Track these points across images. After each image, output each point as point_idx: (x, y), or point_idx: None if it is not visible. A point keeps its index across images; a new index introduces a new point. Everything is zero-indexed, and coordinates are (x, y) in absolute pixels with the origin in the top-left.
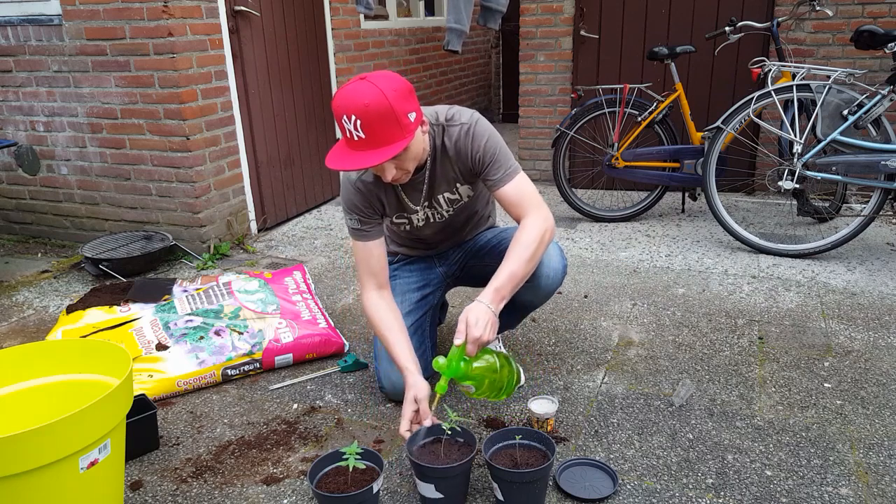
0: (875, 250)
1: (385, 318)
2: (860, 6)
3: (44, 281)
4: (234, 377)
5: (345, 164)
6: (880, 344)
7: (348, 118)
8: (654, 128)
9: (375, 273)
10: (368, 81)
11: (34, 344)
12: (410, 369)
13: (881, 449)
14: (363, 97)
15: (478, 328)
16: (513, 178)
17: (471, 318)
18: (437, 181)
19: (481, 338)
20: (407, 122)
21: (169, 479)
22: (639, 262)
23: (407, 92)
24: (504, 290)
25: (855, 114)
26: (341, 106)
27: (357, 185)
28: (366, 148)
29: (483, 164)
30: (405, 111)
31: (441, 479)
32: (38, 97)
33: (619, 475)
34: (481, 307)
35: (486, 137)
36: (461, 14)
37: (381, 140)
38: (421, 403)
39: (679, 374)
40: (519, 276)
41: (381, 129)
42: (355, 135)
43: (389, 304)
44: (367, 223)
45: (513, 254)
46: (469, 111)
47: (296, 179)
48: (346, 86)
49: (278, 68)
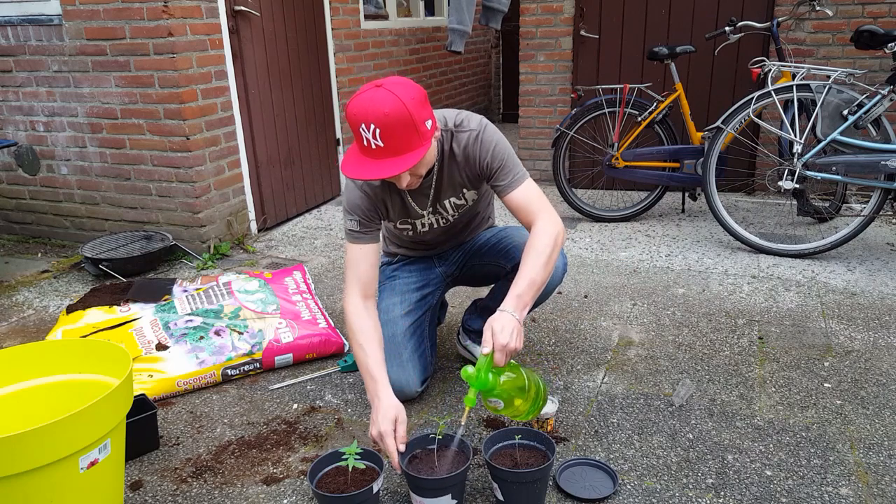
0: (875, 250)
1: (364, 329)
2: (860, 6)
3: (44, 281)
4: (234, 377)
5: (364, 173)
6: (880, 344)
7: (366, 127)
8: (654, 128)
9: (363, 280)
10: (386, 89)
11: (34, 344)
12: (383, 382)
13: (881, 449)
14: (382, 105)
15: (504, 335)
16: (521, 184)
17: (496, 326)
18: (443, 186)
19: (508, 345)
20: (424, 130)
21: (169, 479)
22: (639, 262)
23: (423, 99)
24: (525, 296)
25: (855, 114)
26: (359, 114)
27: (364, 189)
28: (384, 156)
29: (492, 170)
30: (423, 119)
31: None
32: (38, 97)
33: (619, 475)
34: (505, 315)
35: (494, 143)
36: (463, 15)
37: (399, 148)
38: (399, 427)
39: (679, 374)
40: (538, 282)
41: (400, 138)
42: (373, 143)
43: (371, 314)
44: (366, 227)
45: (529, 260)
46: (477, 117)
47: (296, 179)
48: (362, 93)
49: (278, 68)
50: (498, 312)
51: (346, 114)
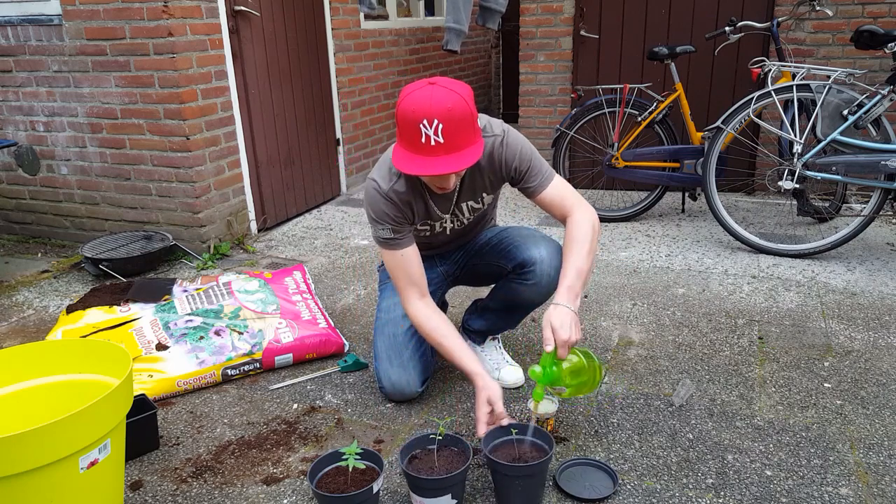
0: (875, 250)
1: (439, 327)
2: (860, 6)
3: (44, 281)
4: (234, 377)
5: (430, 168)
6: (880, 344)
7: (429, 123)
8: (654, 128)
9: (416, 281)
10: (443, 87)
11: (34, 344)
12: (480, 373)
13: (881, 449)
14: (445, 101)
15: (564, 330)
16: (551, 182)
17: (555, 322)
18: (464, 190)
19: (570, 339)
20: (478, 127)
21: (169, 479)
22: (639, 262)
23: (474, 97)
24: (576, 286)
25: (855, 114)
26: (420, 110)
27: (389, 196)
28: (443, 153)
29: (521, 173)
30: (476, 116)
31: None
32: (38, 97)
33: (619, 475)
34: (561, 309)
35: (520, 146)
36: (460, 14)
37: (457, 145)
38: (496, 405)
39: (679, 374)
40: (585, 270)
41: (461, 134)
42: (433, 139)
43: (435, 310)
44: (399, 231)
45: (573, 251)
46: (498, 121)
47: (296, 179)
48: (419, 90)
49: (278, 68)
50: (553, 307)
51: (399, 111)
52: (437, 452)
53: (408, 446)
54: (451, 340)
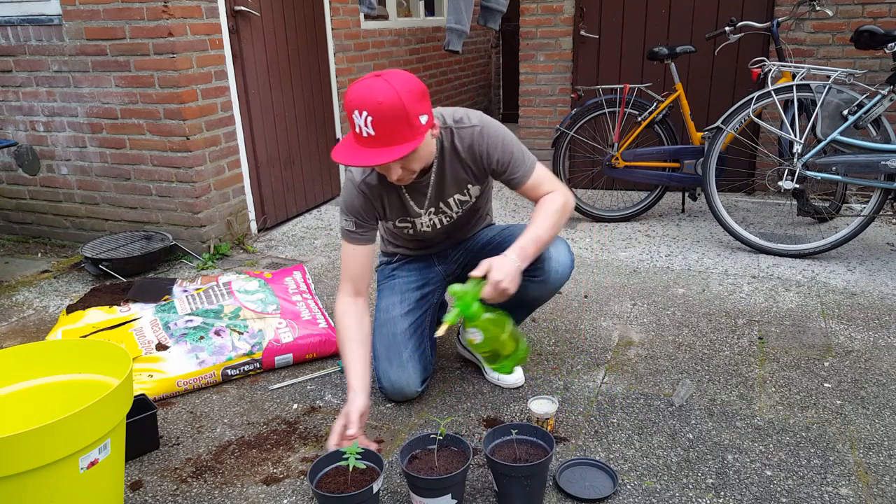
0: (875, 250)
1: (348, 328)
2: (860, 6)
3: (44, 281)
4: (234, 377)
5: (351, 159)
6: (880, 344)
7: (359, 113)
8: (654, 128)
9: (355, 278)
10: (384, 79)
11: (34, 344)
12: (354, 388)
13: (881, 449)
14: (377, 94)
15: (500, 273)
16: (534, 171)
17: (495, 262)
18: (445, 184)
19: (501, 283)
20: (418, 124)
21: (169, 479)
22: (639, 262)
23: (421, 94)
24: (528, 248)
25: (855, 114)
26: (354, 100)
27: (361, 188)
28: (374, 146)
29: (503, 165)
30: (417, 113)
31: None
32: (38, 97)
33: (619, 475)
34: (506, 259)
35: (501, 137)
36: (461, 14)
37: (390, 139)
38: (351, 422)
39: (679, 374)
40: (543, 239)
41: (392, 129)
42: (365, 131)
43: (360, 312)
44: (361, 227)
45: (537, 219)
46: (477, 113)
47: (296, 179)
48: (361, 81)
49: (278, 68)
50: (500, 256)
51: (343, 100)
52: (437, 452)
53: (408, 446)
54: (349, 347)
